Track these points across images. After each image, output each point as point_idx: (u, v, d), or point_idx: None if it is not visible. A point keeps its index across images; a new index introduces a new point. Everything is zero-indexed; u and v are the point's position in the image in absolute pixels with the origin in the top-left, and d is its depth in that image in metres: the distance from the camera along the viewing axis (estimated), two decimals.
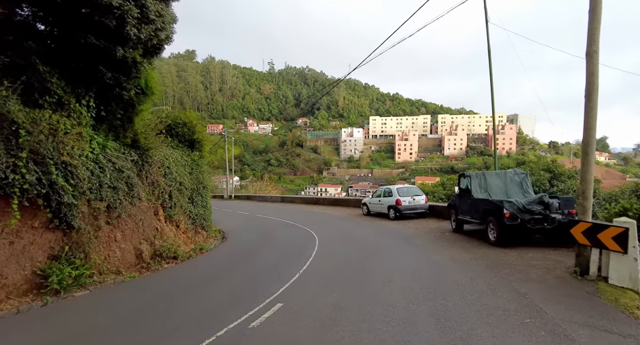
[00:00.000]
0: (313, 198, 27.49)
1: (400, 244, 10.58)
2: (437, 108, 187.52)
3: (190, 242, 12.54)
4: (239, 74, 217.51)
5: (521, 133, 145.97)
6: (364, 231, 13.63)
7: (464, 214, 11.34)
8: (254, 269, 8.62)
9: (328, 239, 12.17)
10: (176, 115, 13.76)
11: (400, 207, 15.86)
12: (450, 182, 28.42)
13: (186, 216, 12.60)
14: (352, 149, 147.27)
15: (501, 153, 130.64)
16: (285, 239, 13.14)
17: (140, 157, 10.29)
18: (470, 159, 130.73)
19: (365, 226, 15.02)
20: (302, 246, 11.08)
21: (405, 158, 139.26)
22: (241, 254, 10.99)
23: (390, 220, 16.26)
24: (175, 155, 12.49)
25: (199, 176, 13.28)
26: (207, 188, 14.32)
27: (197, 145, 13.99)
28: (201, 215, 13.54)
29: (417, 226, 13.97)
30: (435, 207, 16.42)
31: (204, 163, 14.87)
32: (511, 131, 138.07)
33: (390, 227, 14.04)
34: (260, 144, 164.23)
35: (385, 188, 17.49)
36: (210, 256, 11.05)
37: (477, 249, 9.22)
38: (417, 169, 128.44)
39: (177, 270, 9.28)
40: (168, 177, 11.61)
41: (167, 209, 11.38)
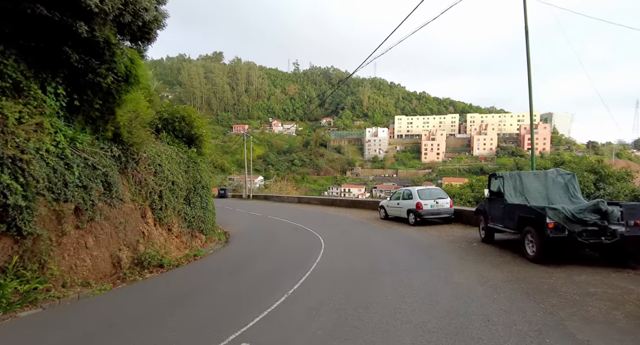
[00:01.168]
0: (330, 199, 26.11)
1: (418, 256, 8.99)
2: (466, 107, 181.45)
3: (184, 247, 11.42)
4: (265, 75, 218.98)
5: (556, 133, 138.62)
6: (377, 239, 12.08)
7: (495, 222, 9.61)
8: (238, 285, 7.30)
9: (335, 248, 10.73)
10: (174, 108, 12.71)
11: (422, 211, 14.18)
12: (479, 183, 26.22)
13: (180, 218, 11.49)
14: (377, 149, 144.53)
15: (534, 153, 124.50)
16: (288, 246, 11.81)
17: (124, 153, 9.23)
18: (500, 159, 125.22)
19: (380, 232, 13.45)
20: (304, 256, 9.69)
21: (432, 158, 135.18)
22: (234, 263, 9.72)
23: (409, 225, 14.60)
24: (169, 152, 11.41)
25: (196, 175, 12.15)
26: (207, 188, 13.21)
27: (197, 141, 12.89)
28: (199, 217, 12.42)
29: (440, 234, 12.28)
30: (461, 211, 14.62)
31: (205, 160, 13.77)
32: (545, 131, 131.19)
33: (409, 235, 12.42)
34: (284, 144, 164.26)
35: (405, 189, 15.83)
36: (200, 265, 9.84)
37: (512, 266, 7.52)
38: (445, 169, 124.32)
39: (156, 282, 8.10)
40: (159, 176, 10.52)
41: (156, 211, 10.29)
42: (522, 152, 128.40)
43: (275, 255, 10.28)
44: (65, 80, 7.59)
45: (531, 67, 13.01)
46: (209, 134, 13.64)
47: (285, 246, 11.79)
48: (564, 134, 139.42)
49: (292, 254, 10.31)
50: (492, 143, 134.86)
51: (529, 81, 12.89)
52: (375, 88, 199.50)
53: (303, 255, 9.85)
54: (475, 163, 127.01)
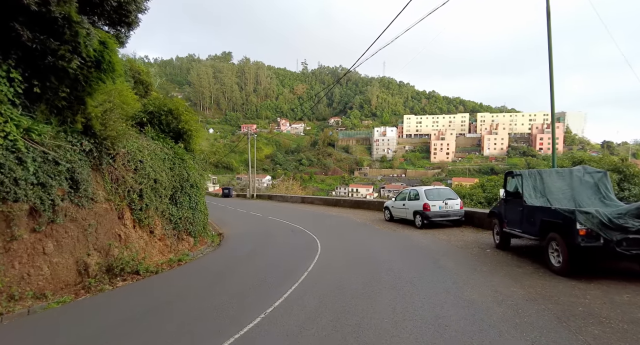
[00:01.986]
0: (333, 199, 25.07)
1: (423, 265, 7.90)
2: (476, 106, 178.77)
3: (169, 251, 10.50)
4: (273, 75, 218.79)
5: (569, 132, 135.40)
6: (379, 243, 11.00)
7: (512, 226, 8.47)
8: (214, 299, 6.31)
9: (331, 254, 9.70)
10: (161, 101, 11.80)
11: (429, 213, 13.05)
12: (490, 183, 24.93)
13: (165, 220, 10.57)
14: (385, 149, 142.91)
15: (546, 153, 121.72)
16: (282, 251, 10.82)
17: (97, 147, 8.31)
18: (511, 159, 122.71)
19: (384, 236, 12.36)
20: (295, 264, 8.69)
21: (442, 158, 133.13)
22: (217, 271, 8.75)
23: (416, 228, 13.48)
24: (152, 147, 10.49)
25: (183, 172, 11.21)
26: (197, 187, 12.26)
27: (185, 136, 11.96)
28: (187, 218, 11.49)
29: (449, 238, 11.15)
30: (472, 213, 13.45)
31: (196, 158, 12.85)
32: (558, 130, 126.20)
33: (415, 239, 11.32)
34: (292, 143, 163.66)
35: (411, 189, 14.70)
36: (181, 272, 8.90)
37: (534, 279, 6.39)
38: (454, 169, 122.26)
39: (126, 292, 7.16)
40: (139, 173, 9.60)
41: (136, 212, 9.37)
42: (534, 151, 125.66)
43: (265, 262, 9.28)
44: (21, 64, 6.69)
45: (553, 58, 11.74)
46: (199, 129, 12.71)
47: (278, 251, 10.80)
48: (577, 134, 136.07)
49: (283, 261, 9.30)
50: (502, 143, 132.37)
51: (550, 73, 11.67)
52: (384, 87, 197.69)
53: (295, 262, 8.85)
54: (486, 163, 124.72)
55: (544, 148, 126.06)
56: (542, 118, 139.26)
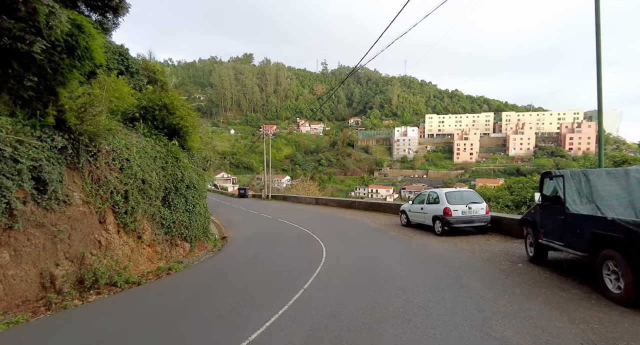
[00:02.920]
0: (348, 201, 23.83)
1: (443, 284, 6.60)
2: (501, 105, 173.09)
3: (159, 258, 9.58)
4: (293, 76, 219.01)
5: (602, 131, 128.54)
6: (392, 254, 9.72)
7: (551, 237, 7.06)
8: (185, 325, 5.25)
9: (336, 265, 8.52)
10: (156, 95, 10.93)
11: (450, 218, 11.65)
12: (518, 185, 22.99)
13: (156, 224, 9.65)
14: (406, 149, 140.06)
15: (576, 154, 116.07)
16: (283, 260, 9.72)
17: (73, 144, 7.44)
18: (538, 160, 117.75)
19: (398, 245, 11.06)
20: (294, 276, 7.59)
21: (465, 159, 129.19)
22: (203, 285, 7.72)
23: (435, 235, 12.11)
24: (142, 145, 9.60)
25: (176, 172, 10.28)
26: (195, 188, 11.33)
27: (181, 132, 11.04)
28: (182, 222, 10.55)
29: (473, 248, 9.76)
30: (500, 219, 11.96)
31: (194, 156, 11.94)
32: (590, 129, 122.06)
33: (434, 249, 9.98)
34: (311, 144, 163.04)
35: (431, 191, 13.30)
36: (166, 284, 7.92)
37: (585, 308, 5.01)
38: (478, 170, 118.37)
39: (95, 309, 6.22)
40: (125, 173, 8.70)
41: (120, 215, 8.47)
42: (563, 152, 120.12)
43: (260, 274, 8.19)
44: None
45: (601, 49, 10.06)
46: (196, 126, 11.78)
47: (278, 260, 9.71)
48: (611, 133, 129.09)
49: (281, 273, 8.18)
50: (529, 143, 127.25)
51: (598, 66, 10.06)
52: (405, 86, 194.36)
53: (292, 276, 7.72)
54: (511, 164, 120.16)
55: (574, 148, 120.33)
56: (572, 117, 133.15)
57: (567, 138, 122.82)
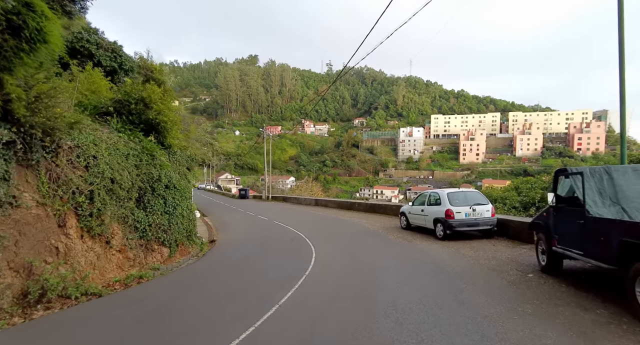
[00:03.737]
0: (347, 202, 22.93)
1: (441, 299, 5.66)
2: (508, 105, 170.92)
3: (131, 265, 8.74)
4: (298, 77, 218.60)
5: (612, 131, 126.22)
6: (388, 260, 8.78)
7: (566, 244, 6.10)
8: None
9: (323, 274, 7.62)
10: (132, 87, 10.12)
11: (453, 221, 10.69)
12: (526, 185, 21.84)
13: (129, 227, 8.82)
14: (411, 150, 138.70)
15: (585, 154, 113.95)
16: (266, 268, 8.88)
17: (23, 138, 6.63)
18: (546, 160, 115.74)
19: (395, 250, 10.12)
20: (273, 288, 6.71)
21: (471, 159, 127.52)
22: (175, 295, 6.85)
23: (436, 239, 11.15)
24: (113, 141, 8.78)
25: (152, 171, 9.45)
26: (176, 188, 10.50)
27: (160, 128, 10.22)
28: (159, 225, 9.71)
29: (477, 254, 8.80)
30: (507, 222, 10.98)
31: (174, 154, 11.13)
32: (599, 129, 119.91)
33: (434, 255, 9.03)
34: (316, 145, 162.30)
35: (432, 192, 12.34)
36: (130, 295, 7.07)
37: (615, 337, 4.04)
38: (485, 171, 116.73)
39: (37, 328, 5.38)
40: (91, 171, 7.89)
41: (84, 218, 7.64)
42: (571, 152, 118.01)
43: (235, 285, 7.33)
44: None
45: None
46: (177, 121, 10.93)
47: (262, 267, 8.86)
48: None
49: (260, 283, 7.31)
50: (536, 143, 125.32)
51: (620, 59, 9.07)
52: (411, 87, 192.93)
53: (271, 288, 6.84)
54: (518, 164, 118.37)
55: (582, 148, 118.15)
56: (581, 117, 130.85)
57: (575, 138, 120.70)
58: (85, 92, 9.71)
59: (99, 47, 17.18)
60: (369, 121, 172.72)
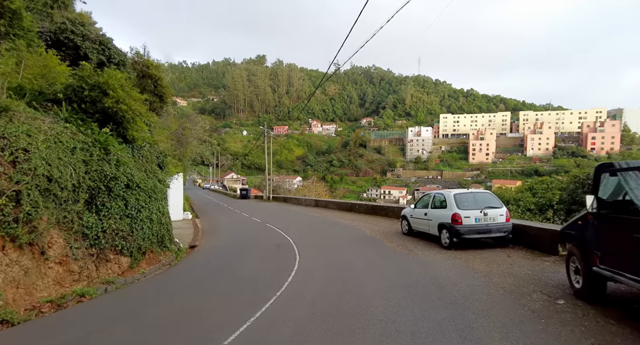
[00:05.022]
0: (348, 203, 21.45)
1: (443, 336, 4.17)
2: (518, 104, 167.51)
3: (75, 280, 7.36)
4: (305, 76, 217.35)
5: (627, 130, 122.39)
6: (380, 275, 7.28)
7: (614, 263, 4.54)
8: None
9: (301, 293, 6.15)
10: (88, 72, 8.75)
11: (460, 227, 9.13)
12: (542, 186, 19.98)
13: (74, 234, 7.44)
14: (420, 150, 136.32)
15: (599, 154, 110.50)
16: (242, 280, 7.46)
17: None
18: (558, 160, 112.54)
19: (392, 262, 8.58)
20: (239, 308, 5.26)
21: (481, 159, 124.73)
22: (112, 321, 5.44)
23: (441, 248, 9.60)
24: (54, 132, 7.42)
25: (105, 168, 8.06)
26: (140, 188, 9.12)
27: (119, 119, 8.84)
28: (117, 231, 8.32)
29: (490, 269, 7.24)
30: (524, 229, 9.38)
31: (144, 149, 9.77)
32: (614, 128, 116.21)
33: (437, 270, 7.48)
34: (323, 144, 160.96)
35: (437, 193, 10.77)
36: (58, 321, 5.71)
37: None
38: (495, 171, 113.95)
39: None
40: (19, 168, 6.53)
41: (6, 225, 6.27)
42: (584, 152, 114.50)
43: (193, 305, 5.90)
44: None
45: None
46: (143, 112, 9.53)
47: (234, 281, 7.44)
48: (637, 132, 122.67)
49: (223, 304, 5.88)
50: (548, 143, 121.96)
51: None
52: (419, 86, 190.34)
53: (234, 310, 5.41)
54: (529, 164, 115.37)
55: (596, 148, 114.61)
56: (595, 115, 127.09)
57: (589, 138, 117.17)
58: (30, 76, 8.40)
59: (85, 39, 15.98)
60: (377, 121, 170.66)
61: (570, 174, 18.19)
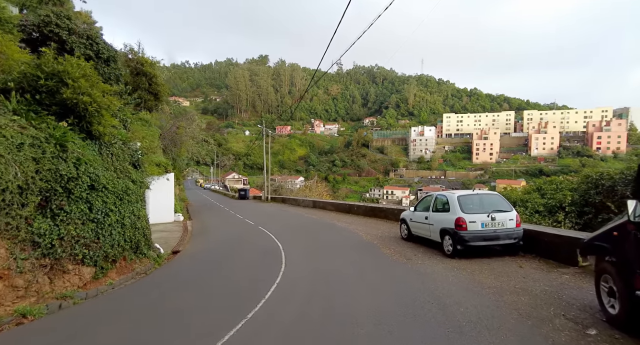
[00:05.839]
0: (346, 205, 20.44)
1: None
2: (522, 104, 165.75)
3: (20, 296, 6.39)
4: (308, 76, 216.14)
5: (634, 130, 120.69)
6: (371, 290, 6.29)
7: None
8: None
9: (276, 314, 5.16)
10: (45, 59, 7.80)
11: (465, 233, 8.11)
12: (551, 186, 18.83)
13: (20, 243, 6.48)
14: (423, 149, 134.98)
15: (605, 153, 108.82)
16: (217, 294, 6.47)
17: None
18: (563, 160, 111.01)
19: (386, 272, 7.57)
20: (203, 333, 4.30)
21: (484, 159, 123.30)
22: None
23: (444, 256, 8.59)
24: None
25: (62, 167, 7.11)
26: (107, 189, 8.17)
27: (81, 111, 7.88)
28: (78, 238, 7.36)
29: (501, 284, 6.22)
30: (537, 235, 8.34)
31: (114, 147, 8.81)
32: (620, 127, 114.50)
33: (438, 285, 6.46)
34: (325, 144, 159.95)
35: (439, 195, 9.73)
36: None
37: None
38: (499, 171, 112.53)
39: None
40: None
41: None
42: (590, 151, 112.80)
43: (149, 326, 4.92)
44: None
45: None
46: (111, 105, 8.55)
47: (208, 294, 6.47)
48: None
49: (185, 326, 4.90)
50: (552, 142, 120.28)
51: None
52: (422, 85, 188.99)
53: (193, 338, 4.43)
54: (534, 164, 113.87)
55: (602, 148, 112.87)
56: (601, 115, 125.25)
57: (594, 137, 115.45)
58: None
59: (72, 33, 15.12)
60: (380, 120, 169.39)
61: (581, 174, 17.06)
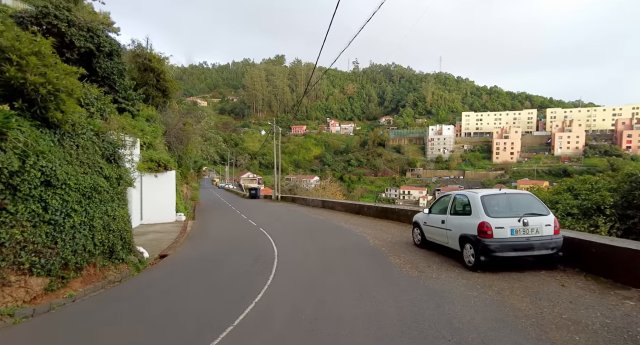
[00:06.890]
0: (356, 205, 19.01)
1: None
2: (545, 101, 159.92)
3: None
4: (324, 76, 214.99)
5: None
6: (372, 316, 4.90)
7: None
8: None
9: None
10: None
11: (491, 241, 6.62)
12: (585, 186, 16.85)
13: None
14: (441, 149, 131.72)
15: (636, 153, 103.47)
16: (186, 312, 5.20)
17: None
18: (589, 160, 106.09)
19: (392, 290, 6.15)
20: None
21: (505, 158, 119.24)
22: None
23: (464, 269, 7.10)
24: None
25: (13, 162, 6.00)
26: (69, 186, 7.05)
27: (32, 94, 6.75)
28: (26, 243, 6.25)
29: (540, 312, 4.75)
30: (580, 244, 6.77)
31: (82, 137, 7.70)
32: None
33: (458, 308, 5.04)
34: (341, 144, 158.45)
35: (458, 195, 8.21)
36: None
37: None
38: (520, 171, 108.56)
39: None
40: None
41: None
42: (619, 151, 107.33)
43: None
44: None
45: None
46: (75, 88, 7.43)
47: (168, 318, 5.21)
48: None
49: None
50: (578, 141, 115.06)
51: None
52: (440, 83, 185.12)
53: None
54: (557, 164, 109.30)
55: (632, 146, 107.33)
56: (631, 112, 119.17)
57: (624, 135, 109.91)
58: None
59: (72, 25, 14.29)
60: (396, 119, 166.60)
61: (622, 172, 15.18)
